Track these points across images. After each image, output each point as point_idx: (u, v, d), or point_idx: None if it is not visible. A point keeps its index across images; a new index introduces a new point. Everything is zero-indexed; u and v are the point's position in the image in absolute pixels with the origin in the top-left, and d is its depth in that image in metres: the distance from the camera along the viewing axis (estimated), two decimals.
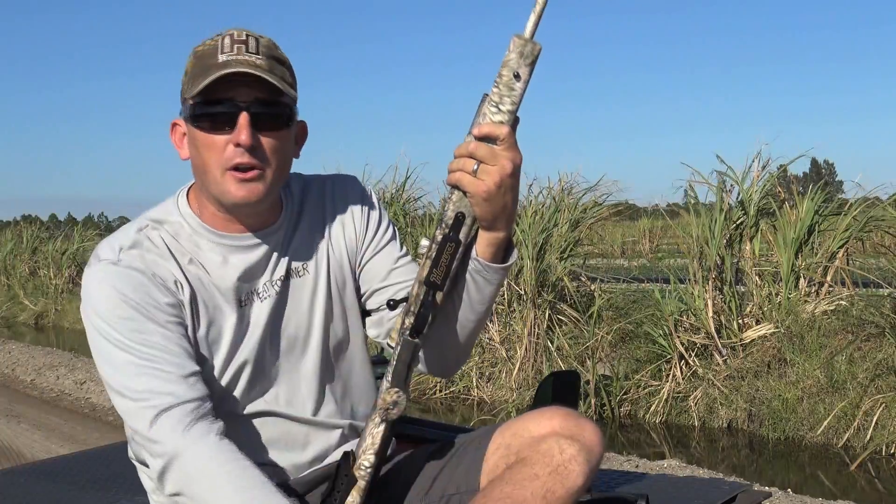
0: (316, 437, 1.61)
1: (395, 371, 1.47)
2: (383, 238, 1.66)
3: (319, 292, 1.61)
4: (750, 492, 2.32)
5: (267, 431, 1.58)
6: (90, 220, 22.27)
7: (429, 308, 1.45)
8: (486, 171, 1.39)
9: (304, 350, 1.60)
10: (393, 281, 1.63)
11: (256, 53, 1.46)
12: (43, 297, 16.82)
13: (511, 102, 1.38)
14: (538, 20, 1.38)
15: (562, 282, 7.59)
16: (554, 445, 1.42)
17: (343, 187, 1.67)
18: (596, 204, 8.33)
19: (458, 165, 1.41)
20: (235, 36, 1.47)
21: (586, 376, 6.60)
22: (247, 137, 1.44)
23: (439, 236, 1.44)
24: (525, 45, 1.37)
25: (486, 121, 1.39)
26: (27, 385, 8.51)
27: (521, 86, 1.38)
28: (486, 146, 1.39)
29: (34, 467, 3.14)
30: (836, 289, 6.73)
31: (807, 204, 6.88)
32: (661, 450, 6.02)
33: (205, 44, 1.49)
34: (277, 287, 1.57)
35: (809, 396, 5.98)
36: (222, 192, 1.49)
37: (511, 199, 1.42)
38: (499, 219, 1.43)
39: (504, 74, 1.38)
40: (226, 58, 1.44)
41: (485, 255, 1.47)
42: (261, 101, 1.46)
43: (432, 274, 1.43)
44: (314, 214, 1.64)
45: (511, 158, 1.39)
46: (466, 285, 1.49)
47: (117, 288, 1.46)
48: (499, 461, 1.50)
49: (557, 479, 1.40)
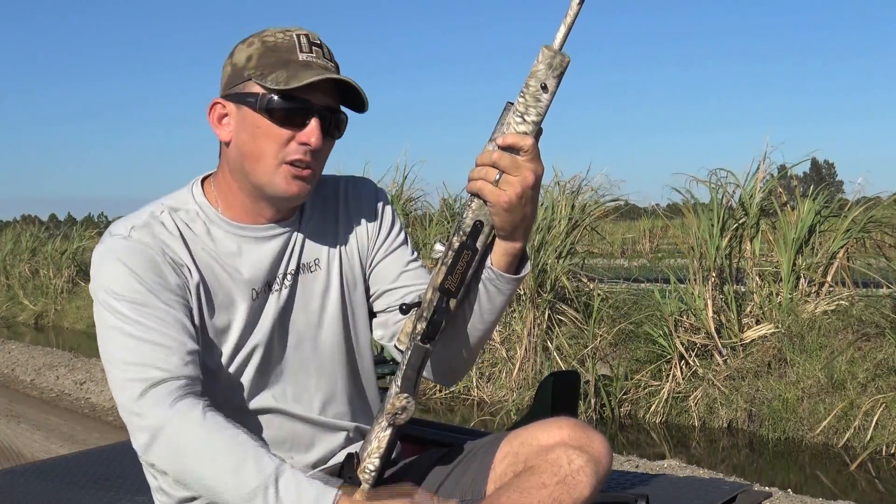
0: (322, 437, 1.61)
1: (405, 376, 1.46)
2: (395, 241, 1.67)
3: (331, 289, 1.61)
4: (750, 492, 2.32)
5: (273, 429, 1.58)
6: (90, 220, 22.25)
7: (442, 314, 1.44)
8: (508, 182, 1.39)
9: (314, 346, 1.60)
10: (402, 283, 1.64)
11: (330, 60, 1.52)
12: (43, 297, 16.83)
13: (536, 114, 1.38)
14: (568, 31, 1.38)
15: (561, 282, 7.59)
16: (562, 455, 1.43)
17: (358, 188, 1.69)
18: (595, 203, 8.33)
19: (480, 174, 1.41)
20: (311, 37, 1.52)
21: (586, 376, 6.60)
22: (317, 140, 1.49)
23: (456, 243, 1.43)
24: (554, 56, 1.36)
25: (511, 130, 1.38)
26: (27, 385, 8.51)
27: (548, 97, 1.37)
28: (509, 156, 1.38)
29: (34, 467, 3.13)
30: (836, 289, 6.74)
31: (807, 204, 6.89)
32: (661, 450, 6.02)
33: (274, 34, 1.52)
34: (289, 281, 1.58)
35: (809, 396, 5.98)
36: (271, 183, 1.51)
37: (531, 210, 1.42)
38: (517, 229, 1.44)
39: (531, 85, 1.37)
40: (306, 58, 1.49)
41: (499, 265, 1.47)
42: (330, 108, 1.51)
43: (447, 281, 1.43)
44: (328, 212, 1.65)
45: (534, 170, 1.39)
46: (479, 294, 1.50)
47: (124, 261, 1.46)
48: (506, 469, 1.50)
49: (565, 489, 1.40)
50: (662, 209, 8.63)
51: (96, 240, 13.07)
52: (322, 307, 1.61)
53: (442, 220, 9.12)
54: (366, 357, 1.67)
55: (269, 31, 1.52)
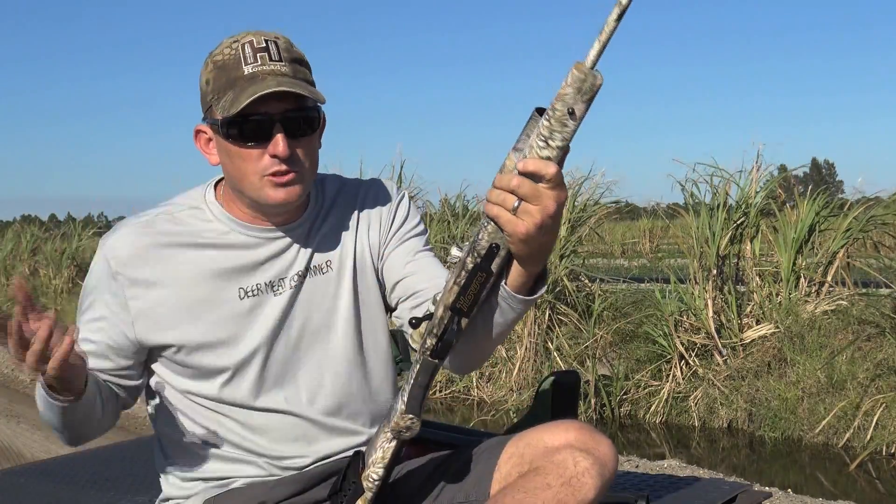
0: (334, 437, 1.62)
1: (412, 395, 1.45)
2: (408, 233, 1.67)
3: (343, 291, 1.62)
4: (750, 492, 2.32)
5: (285, 429, 1.59)
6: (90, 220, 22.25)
7: (452, 334, 1.40)
8: (527, 211, 1.28)
9: (326, 348, 1.61)
10: (409, 272, 1.63)
11: (280, 60, 1.48)
12: (43, 297, 16.81)
13: (562, 139, 1.26)
14: (602, 49, 1.24)
15: (562, 282, 7.59)
16: (568, 457, 1.42)
17: (376, 189, 1.69)
18: (595, 203, 8.32)
19: (497, 199, 1.31)
20: (255, 43, 1.49)
21: (586, 376, 6.59)
22: (283, 149, 1.48)
23: (470, 264, 1.36)
24: (585, 79, 1.23)
25: (533, 155, 1.27)
26: (27, 385, 8.50)
27: (576, 123, 1.26)
28: (530, 183, 1.27)
29: (34, 467, 3.14)
30: (836, 289, 6.73)
31: (807, 204, 6.89)
32: (661, 450, 6.02)
33: (223, 52, 1.50)
34: (294, 282, 1.58)
35: (809, 396, 5.98)
36: (261, 196, 1.53)
37: (551, 239, 1.33)
38: (535, 256, 1.36)
39: (557, 109, 1.25)
40: (251, 70, 1.47)
41: (514, 287, 1.41)
42: (291, 110, 1.49)
43: (459, 301, 1.38)
44: (344, 214, 1.65)
45: (556, 198, 1.28)
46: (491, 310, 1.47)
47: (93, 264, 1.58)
48: (511, 470, 1.50)
49: (570, 491, 1.40)
50: (663, 208, 8.61)
51: (96, 240, 13.06)
52: (333, 309, 1.61)
53: (443, 219, 9.11)
54: (381, 359, 1.67)
55: (220, 47, 1.52)
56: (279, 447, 1.59)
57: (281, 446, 1.59)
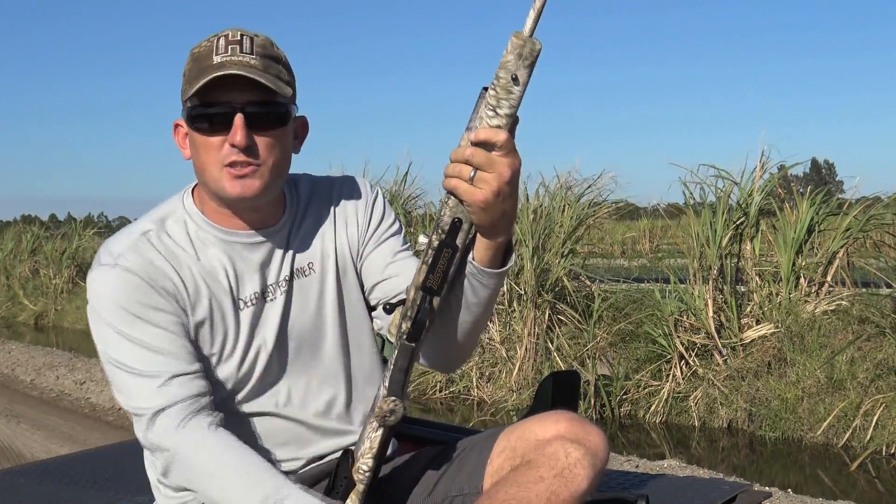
0: (325, 439, 1.62)
1: (392, 379, 1.45)
2: (386, 232, 1.67)
3: (327, 292, 1.61)
4: (750, 492, 2.32)
5: (276, 432, 1.59)
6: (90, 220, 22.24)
7: (425, 314, 1.42)
8: (483, 179, 1.32)
9: (314, 350, 1.61)
10: (392, 273, 1.62)
11: (251, 53, 1.47)
12: (43, 297, 16.82)
13: (509, 106, 1.31)
14: (538, 17, 1.30)
15: (562, 282, 7.59)
16: (559, 449, 1.42)
17: (350, 186, 1.68)
18: (596, 203, 8.32)
19: (453, 171, 1.34)
20: (230, 36, 1.48)
21: (586, 376, 6.60)
22: (241, 138, 1.46)
23: (436, 242, 1.39)
24: (524, 45, 1.28)
25: (483, 125, 1.32)
26: (27, 385, 8.51)
27: (520, 89, 1.30)
28: (482, 152, 1.31)
29: (34, 467, 3.14)
30: (836, 289, 6.73)
31: (807, 204, 6.89)
32: (661, 450, 6.02)
33: (200, 45, 1.51)
34: (283, 287, 1.58)
35: (809, 396, 5.98)
36: (220, 189, 1.51)
37: (510, 205, 1.36)
38: (497, 226, 1.38)
39: (501, 77, 1.30)
40: (220, 59, 1.46)
41: (482, 261, 1.43)
42: (255, 102, 1.47)
43: (429, 280, 1.40)
44: (320, 213, 1.65)
45: (510, 165, 1.32)
46: (464, 289, 1.47)
47: (113, 291, 1.49)
48: (503, 463, 1.50)
49: (562, 483, 1.40)
50: (663, 208, 8.62)
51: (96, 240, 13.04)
52: (319, 310, 1.61)
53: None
54: (368, 356, 1.67)
55: (202, 41, 1.51)
56: (272, 451, 1.59)
57: (273, 450, 1.59)
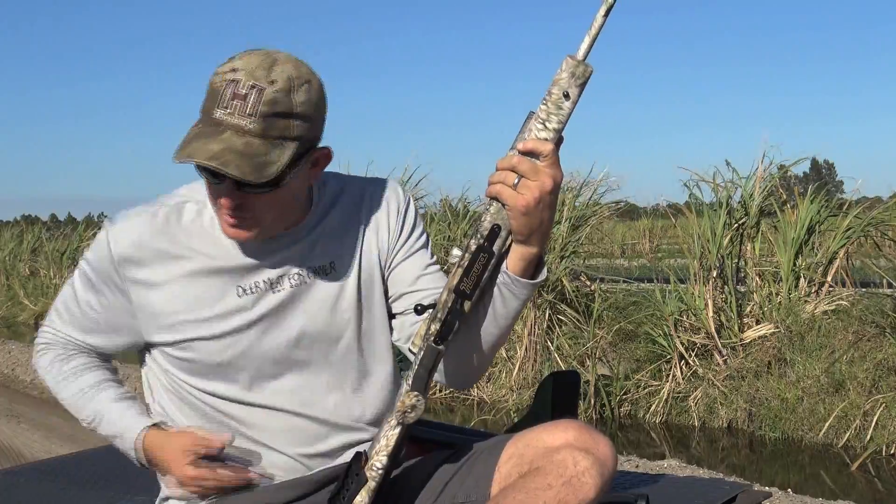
0: (332, 437, 1.62)
1: (417, 375, 1.48)
2: (416, 243, 1.67)
3: (347, 292, 1.62)
4: (750, 492, 2.32)
5: (282, 426, 1.59)
6: (90, 219, 22.25)
7: (456, 316, 1.45)
8: (526, 186, 1.40)
9: (327, 349, 1.61)
10: (420, 287, 1.63)
11: (252, 116, 1.41)
12: (43, 297, 16.81)
13: (558, 121, 1.40)
14: (592, 42, 1.41)
15: (562, 282, 7.59)
16: (568, 457, 1.43)
17: (382, 191, 1.68)
18: (596, 203, 8.32)
19: (499, 178, 1.42)
20: (240, 85, 1.42)
21: (586, 376, 6.60)
22: (226, 203, 1.48)
23: (473, 246, 1.44)
24: (577, 66, 1.39)
25: (532, 136, 1.41)
26: (27, 385, 8.51)
27: (570, 105, 1.40)
28: (528, 161, 1.40)
29: (34, 467, 3.14)
30: (836, 289, 6.74)
31: (807, 204, 6.89)
32: (661, 450, 6.02)
33: (218, 74, 1.45)
34: (296, 281, 1.59)
35: (809, 396, 5.98)
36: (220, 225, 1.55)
37: (548, 216, 1.43)
38: (534, 234, 1.44)
39: (554, 93, 1.39)
40: (220, 115, 1.42)
41: (515, 270, 1.46)
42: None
43: (462, 283, 1.45)
44: (349, 215, 1.65)
45: (552, 175, 1.40)
46: (493, 298, 1.50)
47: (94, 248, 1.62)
48: (511, 470, 1.50)
49: (570, 491, 1.40)
50: (664, 208, 8.62)
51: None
52: (335, 309, 1.61)
53: (444, 219, 9.11)
54: (382, 361, 1.67)
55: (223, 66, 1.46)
56: (276, 444, 1.59)
57: (278, 444, 1.60)
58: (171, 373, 1.62)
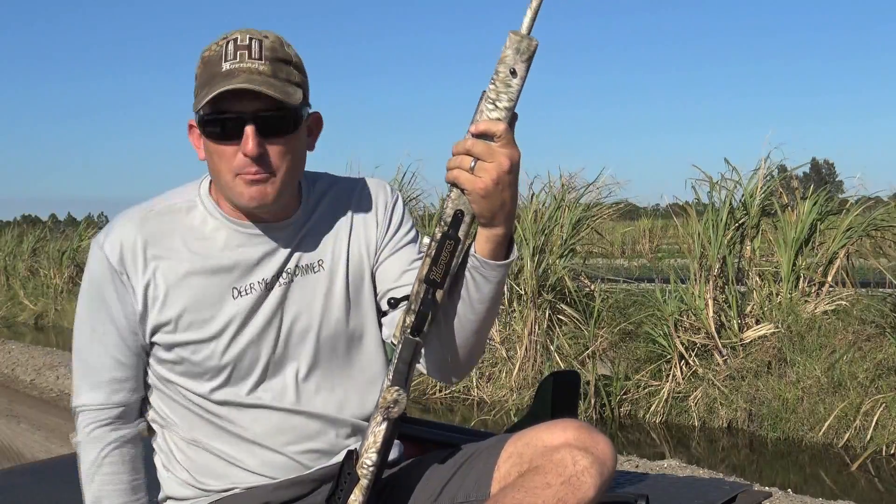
0: (324, 434, 1.62)
1: (396, 370, 1.47)
2: (403, 239, 1.67)
3: (336, 290, 1.62)
4: (750, 492, 2.32)
5: (272, 424, 1.60)
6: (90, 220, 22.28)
7: (429, 306, 1.44)
8: (483, 169, 1.37)
9: (317, 346, 1.61)
10: (404, 282, 1.63)
11: (259, 59, 1.47)
12: (43, 297, 16.82)
13: (508, 99, 1.37)
14: (535, 16, 1.37)
15: (562, 282, 7.59)
16: (567, 456, 1.42)
17: (370, 189, 1.69)
18: (597, 203, 8.32)
19: (455, 163, 1.40)
20: (239, 41, 1.49)
21: (586, 376, 6.60)
22: (252, 148, 1.47)
23: (438, 234, 1.43)
24: (521, 41, 1.35)
25: (483, 118, 1.38)
26: (27, 385, 8.51)
27: (518, 82, 1.37)
28: (483, 143, 1.37)
29: (34, 467, 3.14)
30: (836, 289, 6.74)
31: (807, 204, 6.89)
32: (661, 450, 6.02)
33: (210, 48, 1.51)
34: (286, 279, 1.59)
35: (810, 396, 5.98)
36: (234, 195, 1.53)
37: (510, 195, 1.40)
38: (497, 216, 1.42)
39: (500, 71, 1.36)
40: (229, 66, 1.47)
41: (483, 252, 1.45)
42: (265, 110, 1.48)
43: (432, 272, 1.43)
44: (336, 212, 1.65)
45: (508, 155, 1.38)
46: (466, 283, 1.48)
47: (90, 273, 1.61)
48: (510, 469, 1.50)
49: (570, 490, 1.40)
50: (664, 208, 8.62)
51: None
52: (325, 307, 1.61)
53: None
54: (373, 357, 1.67)
55: (211, 43, 1.52)
56: (272, 444, 1.60)
57: (274, 443, 1.60)
58: (164, 374, 1.61)
